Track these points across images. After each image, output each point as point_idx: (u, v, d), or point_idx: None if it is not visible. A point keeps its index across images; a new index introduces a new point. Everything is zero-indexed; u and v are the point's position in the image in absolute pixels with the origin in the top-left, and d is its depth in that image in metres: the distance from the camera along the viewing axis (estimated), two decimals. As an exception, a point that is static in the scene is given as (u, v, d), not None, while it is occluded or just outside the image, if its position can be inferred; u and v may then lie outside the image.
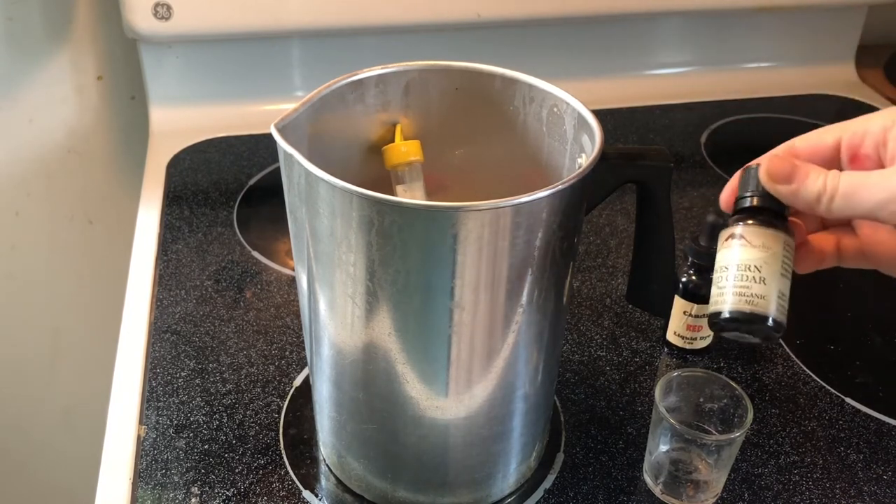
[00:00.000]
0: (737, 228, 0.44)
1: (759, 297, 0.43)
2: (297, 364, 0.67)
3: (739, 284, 0.43)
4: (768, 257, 0.43)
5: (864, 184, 0.41)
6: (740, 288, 0.43)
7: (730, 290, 0.43)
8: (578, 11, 0.99)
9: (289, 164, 0.45)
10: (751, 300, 0.43)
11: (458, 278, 0.44)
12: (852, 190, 0.41)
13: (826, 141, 0.45)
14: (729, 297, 0.43)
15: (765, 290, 0.43)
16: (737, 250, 0.44)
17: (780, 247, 0.44)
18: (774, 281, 0.43)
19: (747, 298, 0.43)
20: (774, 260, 0.43)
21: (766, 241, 0.43)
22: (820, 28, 1.13)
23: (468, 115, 0.55)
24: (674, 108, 1.07)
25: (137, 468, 0.58)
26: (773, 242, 0.43)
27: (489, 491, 0.56)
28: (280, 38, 0.96)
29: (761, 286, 0.43)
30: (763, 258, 0.43)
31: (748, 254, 0.43)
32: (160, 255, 0.78)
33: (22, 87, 0.96)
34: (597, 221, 0.85)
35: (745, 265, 0.43)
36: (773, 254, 0.43)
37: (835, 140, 0.45)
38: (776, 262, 0.43)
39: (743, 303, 0.43)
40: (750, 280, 0.43)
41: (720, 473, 0.56)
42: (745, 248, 0.43)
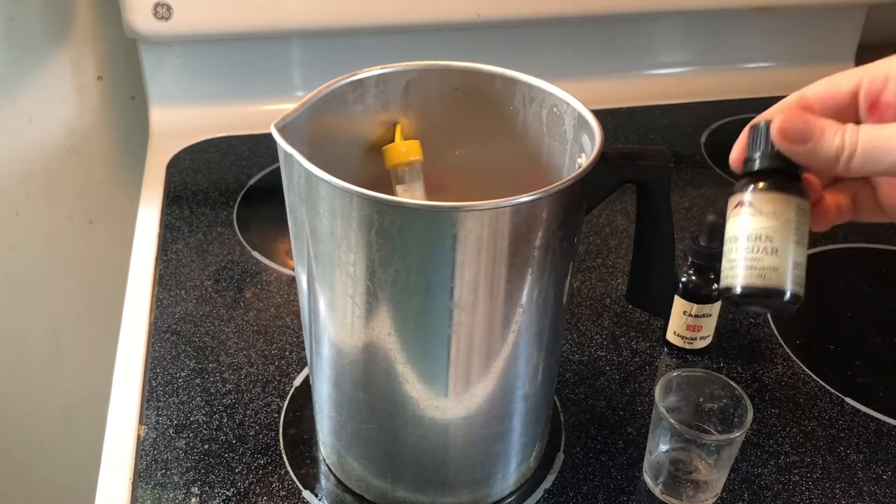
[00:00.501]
0: (745, 195, 0.41)
1: (771, 269, 0.39)
2: (297, 364, 0.67)
3: (750, 256, 0.40)
4: (780, 225, 0.40)
5: (884, 138, 0.37)
6: (751, 261, 0.40)
7: (741, 263, 0.40)
8: (578, 11, 0.99)
9: (289, 164, 0.45)
10: (763, 273, 0.39)
11: (458, 278, 0.44)
12: (872, 146, 0.38)
13: (841, 88, 0.41)
14: (740, 270, 0.40)
15: (778, 262, 0.39)
16: (746, 219, 0.41)
17: (793, 212, 0.40)
18: (788, 250, 0.40)
19: (759, 272, 0.40)
20: (787, 227, 0.40)
21: (777, 208, 0.40)
22: (820, 28, 1.13)
23: (468, 115, 0.55)
24: (674, 108, 1.07)
25: (137, 468, 0.58)
26: (784, 208, 0.40)
27: (489, 491, 0.56)
28: (280, 38, 0.96)
29: (773, 257, 0.39)
30: (774, 227, 0.40)
31: (758, 222, 0.40)
32: (160, 255, 0.78)
33: (22, 87, 0.96)
34: (597, 221, 0.85)
35: (756, 235, 0.40)
36: (786, 221, 0.40)
37: (851, 87, 0.41)
38: (789, 230, 0.40)
39: (755, 276, 0.40)
40: (761, 251, 0.40)
41: (720, 473, 0.56)
42: (755, 217, 0.40)
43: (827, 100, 0.42)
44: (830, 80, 0.42)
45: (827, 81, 0.42)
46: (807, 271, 0.41)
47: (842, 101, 0.42)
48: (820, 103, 0.42)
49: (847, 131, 0.38)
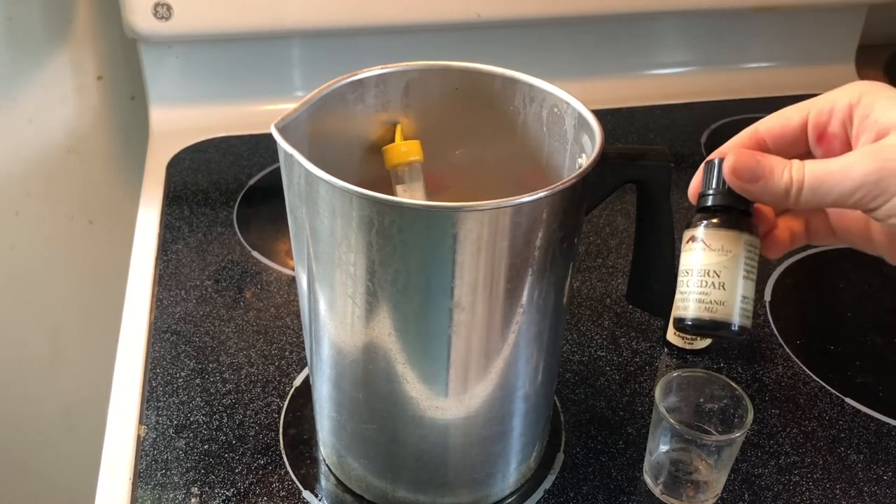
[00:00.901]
0: (697, 230, 0.43)
1: (718, 303, 0.42)
2: (297, 364, 0.67)
3: (700, 290, 0.43)
4: (728, 261, 0.43)
5: (827, 173, 0.40)
6: (700, 294, 0.43)
7: (692, 297, 0.43)
8: (578, 11, 0.99)
9: (289, 164, 0.45)
10: (710, 307, 0.42)
11: (458, 278, 0.44)
12: (818, 182, 0.40)
13: (792, 122, 0.44)
14: (691, 303, 0.43)
15: (725, 297, 0.42)
16: (697, 254, 0.43)
17: (742, 248, 0.43)
18: (735, 285, 0.42)
19: (707, 305, 0.42)
20: (735, 263, 0.43)
21: (726, 244, 0.43)
22: (820, 28, 1.13)
23: (468, 115, 0.55)
24: (674, 108, 1.07)
25: (137, 468, 0.58)
26: (733, 245, 0.43)
27: (489, 491, 0.56)
28: (280, 38, 0.96)
29: (721, 292, 0.42)
30: (722, 262, 0.43)
31: (708, 258, 0.43)
32: (160, 255, 0.78)
33: (22, 87, 0.96)
34: (597, 221, 0.85)
35: (705, 270, 0.43)
36: (734, 257, 0.43)
37: (801, 120, 0.43)
38: (737, 266, 0.43)
39: (703, 310, 0.42)
40: (709, 286, 0.42)
41: (720, 474, 0.56)
42: (705, 252, 0.43)
43: (779, 133, 0.44)
44: (782, 114, 0.44)
45: (778, 115, 0.44)
46: (806, 271, 0.43)
47: (793, 134, 0.44)
48: (772, 137, 0.44)
49: (794, 167, 0.41)
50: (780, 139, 0.44)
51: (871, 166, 0.38)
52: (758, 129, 0.45)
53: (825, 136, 0.43)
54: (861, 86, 0.42)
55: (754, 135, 0.45)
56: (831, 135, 0.43)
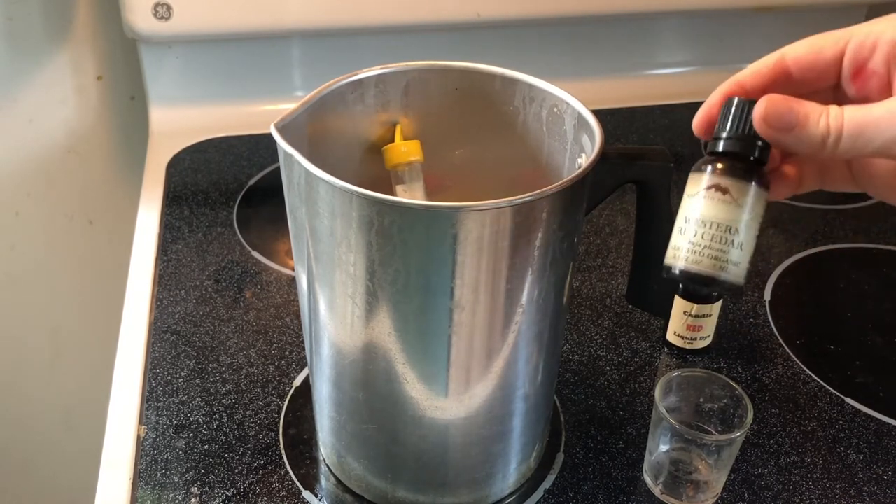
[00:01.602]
0: (726, 180, 0.39)
1: (734, 263, 0.39)
2: (297, 364, 0.67)
3: (695, 241, 0.39)
4: (750, 220, 0.39)
5: (870, 120, 0.36)
6: (695, 245, 0.39)
7: (685, 245, 0.40)
8: (578, 11, 0.99)
9: (289, 164, 0.45)
10: (701, 261, 0.39)
11: (458, 278, 0.44)
12: (858, 129, 0.36)
13: (824, 54, 0.39)
14: (683, 252, 0.40)
15: (741, 257, 0.39)
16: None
17: (762, 207, 0.40)
18: (750, 245, 0.39)
19: (698, 258, 0.39)
20: (755, 223, 0.39)
21: (753, 203, 0.39)
22: (820, 28, 1.11)
23: (468, 115, 0.55)
24: (674, 108, 1.07)
25: (137, 468, 0.58)
26: (756, 202, 0.39)
27: (489, 491, 0.56)
28: (280, 38, 0.96)
29: (738, 252, 0.39)
30: (746, 221, 0.39)
31: (732, 214, 0.39)
32: (160, 255, 0.78)
33: (22, 87, 0.96)
34: (597, 221, 0.85)
35: (727, 227, 0.39)
36: (755, 216, 0.39)
37: (835, 52, 0.39)
38: (756, 225, 0.39)
39: (693, 262, 0.39)
40: (708, 238, 0.39)
41: (720, 474, 0.56)
42: (731, 208, 0.39)
43: (808, 65, 0.40)
44: (813, 43, 0.40)
45: (809, 43, 0.40)
46: (806, 271, 0.41)
47: (824, 67, 0.40)
48: (799, 67, 0.40)
49: (832, 114, 0.37)
50: (809, 70, 0.40)
51: None
52: (784, 55, 0.40)
53: (863, 73, 0.39)
54: None
55: (780, 62, 0.40)
56: (870, 72, 0.39)
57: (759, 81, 0.41)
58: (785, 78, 0.41)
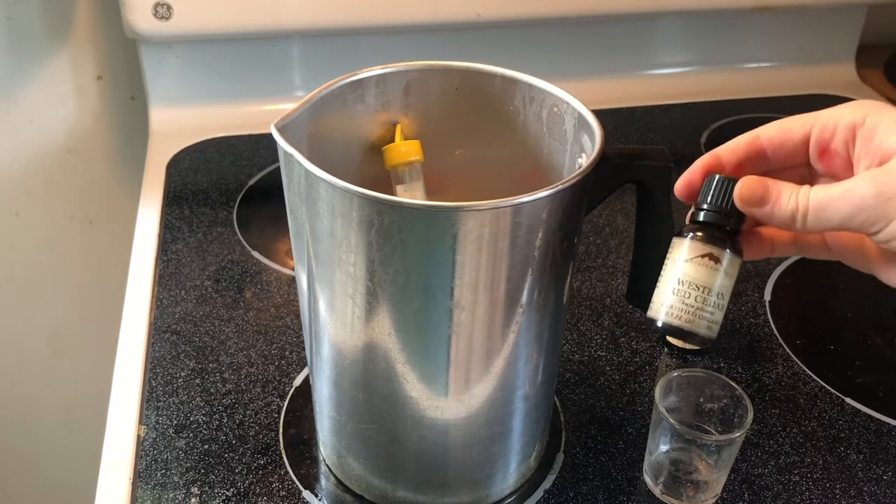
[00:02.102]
0: (707, 248, 0.45)
1: (716, 323, 0.45)
2: (297, 364, 0.67)
3: (675, 298, 0.45)
4: (727, 282, 0.45)
5: (829, 198, 0.41)
6: (675, 301, 0.45)
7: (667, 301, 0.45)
8: (578, 11, 0.99)
9: (289, 164, 0.45)
10: (681, 316, 0.45)
11: (458, 278, 0.44)
12: (821, 207, 0.41)
13: (793, 134, 0.44)
14: (664, 307, 0.45)
15: (718, 315, 0.45)
16: (704, 272, 0.45)
17: (736, 270, 0.45)
18: (709, 299, 0.45)
19: (677, 313, 0.45)
20: (731, 284, 0.45)
21: (728, 267, 0.45)
22: (820, 28, 1.13)
23: (468, 115, 0.55)
24: (674, 108, 1.07)
25: (137, 468, 0.58)
26: (731, 266, 0.45)
27: (489, 491, 0.56)
28: (280, 38, 0.96)
29: (716, 310, 0.45)
30: (729, 287, 0.45)
31: (724, 281, 0.45)
32: (160, 255, 0.78)
33: (22, 87, 0.96)
34: (597, 221, 0.85)
35: (683, 280, 0.45)
36: (731, 278, 0.45)
37: (803, 133, 0.44)
38: (731, 286, 0.45)
39: (674, 317, 0.45)
40: (684, 295, 0.45)
41: (720, 474, 0.56)
42: (724, 276, 0.45)
43: (779, 144, 0.45)
44: (783, 125, 0.45)
45: (780, 125, 0.45)
46: (806, 271, 0.45)
47: (793, 146, 0.45)
48: (772, 147, 0.45)
49: (800, 193, 0.42)
50: (780, 149, 0.45)
51: (871, 191, 0.39)
52: (759, 135, 0.45)
53: (827, 153, 0.44)
54: (865, 106, 0.42)
55: (754, 141, 0.45)
56: (833, 152, 0.44)
57: (735, 157, 0.46)
58: (759, 155, 0.46)
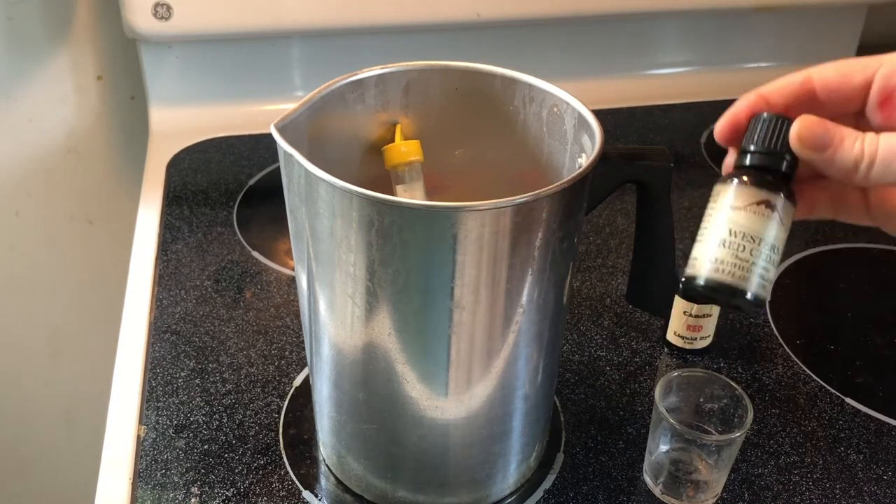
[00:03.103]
0: (763, 194, 0.39)
1: (769, 282, 0.39)
2: (297, 364, 0.67)
3: (721, 251, 0.39)
4: (782, 234, 0.39)
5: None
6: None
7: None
8: (578, 11, 0.99)
9: (289, 164, 0.45)
10: (764, 285, 0.39)
11: (458, 278, 0.44)
12: (893, 156, 0.36)
13: (852, 79, 0.39)
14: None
15: (773, 275, 0.39)
16: (772, 225, 0.39)
17: (790, 221, 0.40)
18: (761, 252, 0.39)
19: (761, 282, 0.39)
20: (784, 237, 0.40)
21: (784, 217, 0.39)
22: (820, 28, 1.13)
23: (468, 115, 0.55)
24: (674, 108, 1.07)
25: (137, 468, 0.58)
26: (787, 217, 0.39)
27: (489, 491, 0.56)
28: (280, 38, 0.96)
29: (773, 270, 0.39)
30: (783, 239, 0.39)
31: (779, 232, 0.39)
32: (160, 255, 0.78)
33: (22, 87, 0.96)
34: (597, 221, 0.85)
35: (773, 245, 0.39)
36: (786, 230, 0.40)
37: (864, 79, 0.39)
38: (784, 239, 0.40)
39: (757, 286, 0.39)
40: (770, 263, 0.39)
41: (720, 474, 0.56)
42: (779, 226, 0.39)
43: (835, 88, 0.40)
44: (841, 68, 0.40)
45: (837, 68, 0.40)
46: (806, 271, 0.41)
47: (851, 92, 0.40)
48: (826, 90, 0.40)
49: (866, 140, 0.37)
50: (835, 94, 0.40)
51: None
52: (811, 76, 0.40)
53: (890, 101, 0.39)
54: None
55: (806, 82, 0.40)
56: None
57: (784, 99, 0.41)
58: (809, 98, 0.41)
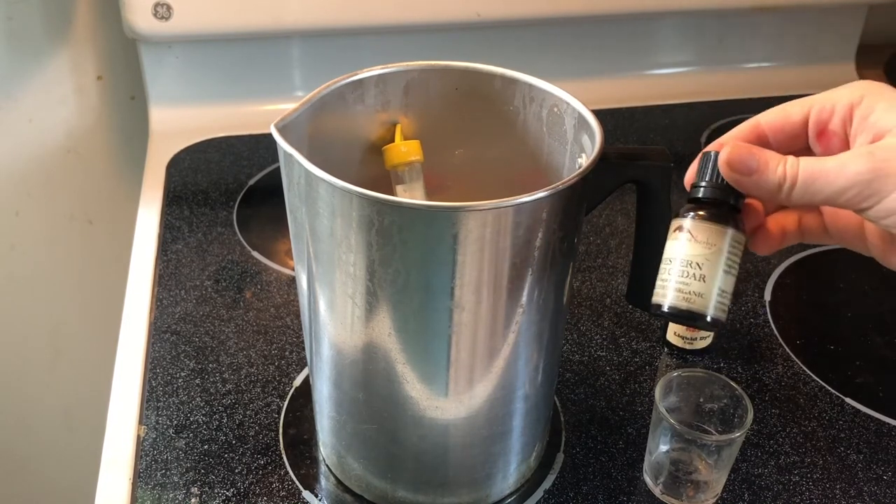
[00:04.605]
0: (685, 221, 0.44)
1: (697, 294, 0.43)
2: (297, 364, 0.67)
3: (680, 280, 0.43)
4: (711, 254, 0.43)
5: (821, 171, 0.40)
6: (680, 284, 0.43)
7: (671, 285, 0.44)
8: (578, 11, 0.99)
9: (289, 164, 0.45)
10: (689, 297, 0.43)
11: (458, 278, 0.44)
12: (811, 178, 0.40)
13: (792, 117, 0.44)
14: (670, 291, 0.44)
15: (704, 288, 0.43)
16: (682, 244, 0.44)
17: (726, 243, 0.44)
18: (715, 278, 0.43)
19: (685, 295, 0.43)
20: (717, 257, 0.43)
21: (711, 238, 0.43)
22: (820, 28, 1.13)
23: (468, 115, 0.55)
24: (674, 108, 1.07)
25: (137, 468, 0.58)
26: (718, 238, 0.43)
27: (489, 491, 0.56)
28: (280, 38, 0.96)
29: (700, 284, 0.43)
30: (705, 255, 0.43)
31: (692, 249, 0.43)
32: (160, 255, 0.78)
33: (22, 87, 0.96)
34: (597, 221, 0.85)
35: (688, 261, 0.43)
36: (717, 250, 0.43)
37: (802, 115, 0.44)
38: (719, 260, 0.43)
39: (681, 299, 0.43)
40: (690, 277, 0.43)
41: (720, 474, 0.56)
42: (690, 243, 0.44)
43: (779, 127, 0.44)
44: (782, 109, 0.44)
45: (779, 109, 0.45)
46: (806, 271, 0.43)
47: (793, 129, 0.44)
48: (772, 131, 0.44)
49: (788, 163, 0.41)
50: (781, 133, 0.44)
51: (865, 166, 0.39)
52: (759, 122, 0.45)
53: (825, 134, 0.43)
54: (863, 86, 0.42)
55: (755, 128, 0.45)
56: (831, 133, 0.43)
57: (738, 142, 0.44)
58: (760, 141, 0.45)
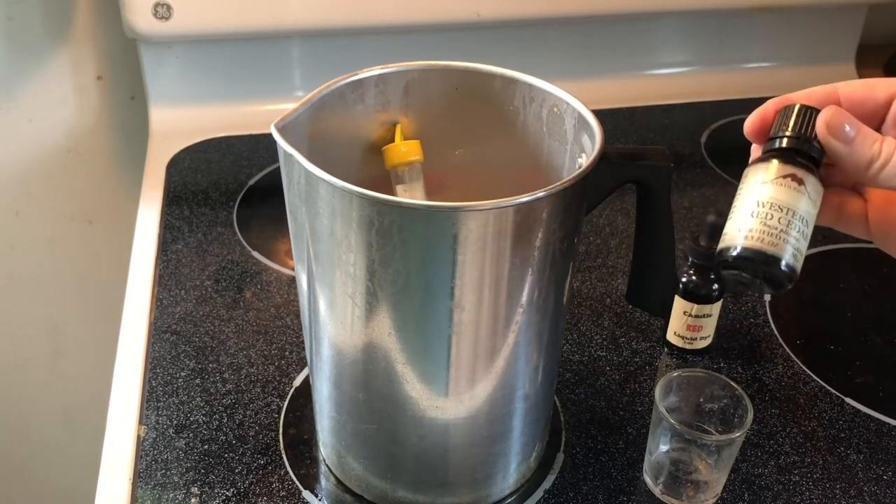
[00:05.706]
0: (801, 172, 0.40)
1: (801, 253, 0.40)
2: (297, 364, 0.67)
3: (786, 231, 0.40)
4: (815, 214, 0.41)
5: None
6: (794, 239, 0.40)
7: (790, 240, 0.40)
8: (578, 11, 0.99)
9: (289, 164, 0.45)
10: (796, 255, 0.40)
11: (458, 278, 0.44)
12: None
13: (877, 94, 0.41)
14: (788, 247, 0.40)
15: (804, 248, 0.41)
16: (795, 196, 0.40)
17: (819, 203, 0.41)
18: (809, 236, 0.41)
19: (794, 251, 0.40)
20: (814, 216, 0.41)
21: (817, 197, 0.41)
22: (820, 28, 1.13)
23: (468, 115, 0.55)
24: (674, 108, 1.07)
25: (137, 468, 0.58)
26: (818, 197, 0.41)
27: (489, 491, 0.56)
28: (280, 38, 0.96)
29: (805, 243, 0.41)
30: (813, 215, 0.41)
31: (809, 207, 0.41)
32: (160, 255, 0.78)
33: (22, 87, 0.96)
34: (597, 221, 0.85)
35: (804, 217, 0.40)
36: (816, 209, 0.41)
37: (888, 95, 0.41)
38: (814, 219, 0.41)
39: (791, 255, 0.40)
40: (801, 235, 0.40)
41: (720, 474, 0.56)
42: (809, 201, 0.41)
43: (859, 101, 0.42)
44: (867, 84, 0.42)
45: (864, 83, 0.42)
46: (806, 271, 0.42)
47: (874, 107, 0.42)
48: (851, 103, 0.42)
49: (885, 142, 0.39)
50: (859, 107, 0.42)
51: None
52: (837, 89, 0.42)
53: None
54: None
55: (832, 93, 0.42)
56: None
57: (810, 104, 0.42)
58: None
